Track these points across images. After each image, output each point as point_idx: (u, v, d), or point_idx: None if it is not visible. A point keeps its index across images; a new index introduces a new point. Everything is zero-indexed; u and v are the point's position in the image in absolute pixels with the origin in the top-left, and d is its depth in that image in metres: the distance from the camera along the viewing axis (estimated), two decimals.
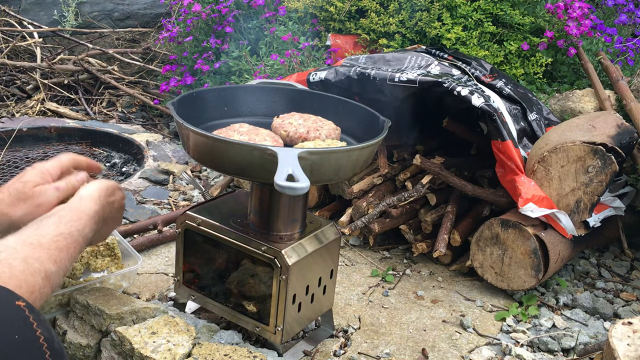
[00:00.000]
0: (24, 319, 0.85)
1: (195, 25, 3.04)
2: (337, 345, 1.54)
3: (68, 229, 1.09)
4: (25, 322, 0.85)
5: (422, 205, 2.10)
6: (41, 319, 0.87)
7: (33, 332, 0.85)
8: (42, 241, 1.02)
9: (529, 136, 1.99)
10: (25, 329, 0.84)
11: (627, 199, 2.02)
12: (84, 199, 1.20)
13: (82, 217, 1.15)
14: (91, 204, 1.20)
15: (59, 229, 1.08)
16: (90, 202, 1.20)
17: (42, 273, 0.96)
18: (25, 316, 0.86)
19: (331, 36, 2.56)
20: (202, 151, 1.29)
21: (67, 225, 1.09)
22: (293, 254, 1.33)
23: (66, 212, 1.14)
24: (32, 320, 0.86)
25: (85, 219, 1.15)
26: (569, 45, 2.34)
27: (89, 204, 1.19)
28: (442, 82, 1.85)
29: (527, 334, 1.67)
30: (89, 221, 1.16)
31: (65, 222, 1.10)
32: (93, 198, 1.21)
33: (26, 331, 0.84)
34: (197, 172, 2.64)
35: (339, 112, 1.56)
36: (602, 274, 2.04)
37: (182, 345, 1.30)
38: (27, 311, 0.86)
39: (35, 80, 3.43)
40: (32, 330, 0.85)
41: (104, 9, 4.34)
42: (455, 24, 2.34)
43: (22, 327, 0.84)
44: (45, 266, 0.98)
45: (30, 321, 0.86)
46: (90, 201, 1.20)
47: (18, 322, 0.84)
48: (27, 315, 0.86)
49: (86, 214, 1.16)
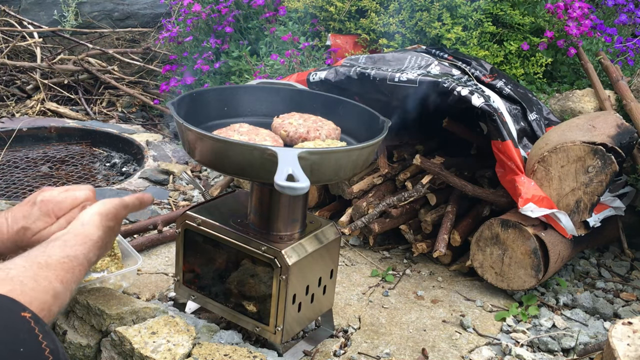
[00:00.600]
0: (30, 331, 0.85)
1: (195, 25, 3.04)
2: (337, 345, 1.54)
3: (74, 252, 1.10)
4: (31, 333, 0.85)
5: (422, 205, 2.10)
6: (47, 330, 0.87)
7: (39, 344, 0.84)
8: (50, 262, 1.03)
9: (529, 136, 1.99)
10: (30, 341, 0.84)
11: (627, 199, 2.02)
12: (86, 225, 1.19)
13: (86, 242, 1.15)
14: (94, 229, 1.19)
15: (65, 251, 1.09)
16: (92, 227, 1.19)
17: (52, 291, 0.97)
18: (31, 327, 0.85)
19: (331, 36, 2.56)
20: (202, 151, 1.29)
21: (72, 249, 1.10)
22: (293, 254, 1.33)
23: (70, 237, 1.14)
24: (38, 332, 0.85)
25: (90, 243, 1.16)
26: (569, 45, 2.34)
27: (91, 229, 1.19)
28: (442, 82, 1.85)
29: (527, 334, 1.67)
30: (93, 246, 1.16)
31: (70, 245, 1.11)
32: (95, 224, 1.20)
33: (31, 343, 0.84)
34: (197, 172, 2.64)
35: (339, 112, 1.56)
36: (602, 274, 2.04)
37: (182, 345, 1.30)
38: (32, 322, 0.86)
39: (35, 80, 3.43)
40: (38, 342, 0.85)
41: (104, 9, 4.34)
42: (455, 24, 2.34)
43: (27, 338, 0.84)
44: (54, 285, 0.99)
45: (36, 333, 0.85)
46: (92, 227, 1.20)
47: (23, 333, 0.84)
48: (32, 326, 0.86)
49: (90, 239, 1.17)
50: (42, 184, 2.46)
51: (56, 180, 2.51)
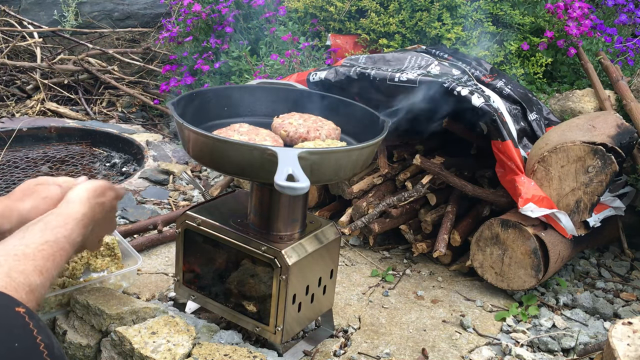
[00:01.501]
0: (24, 326, 0.85)
1: (195, 25, 3.04)
2: (337, 345, 1.54)
3: (54, 235, 1.07)
4: (25, 328, 0.84)
5: (422, 205, 2.10)
6: (41, 325, 0.87)
7: (33, 339, 0.84)
8: (27, 251, 1.00)
9: (529, 136, 1.99)
10: (25, 336, 0.84)
11: (627, 199, 2.02)
12: (71, 203, 1.18)
13: (68, 222, 1.12)
14: (79, 206, 1.17)
15: (45, 236, 1.05)
16: (77, 205, 1.18)
17: (27, 287, 0.94)
18: (25, 322, 0.85)
19: (331, 36, 2.56)
20: (202, 151, 1.29)
21: (53, 232, 1.07)
22: (293, 254, 1.33)
23: (52, 218, 1.11)
24: (32, 326, 0.85)
25: (73, 223, 1.13)
26: (569, 45, 2.34)
27: (76, 207, 1.17)
28: (442, 82, 1.85)
29: (527, 334, 1.67)
30: (77, 225, 1.13)
31: (51, 228, 1.08)
32: (81, 200, 1.19)
33: (26, 338, 0.84)
34: (197, 172, 2.64)
35: (339, 112, 1.56)
36: (602, 274, 2.04)
37: (182, 345, 1.30)
38: (27, 317, 0.86)
39: (35, 80, 3.43)
40: (32, 337, 0.84)
41: (104, 9, 4.34)
42: (455, 24, 2.34)
43: (22, 333, 0.84)
44: (30, 279, 0.95)
45: (31, 328, 0.85)
46: (77, 204, 1.18)
47: (18, 328, 0.84)
48: (27, 321, 0.85)
49: (73, 218, 1.14)
50: None
51: None
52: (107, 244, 1.63)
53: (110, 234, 1.45)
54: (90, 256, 1.60)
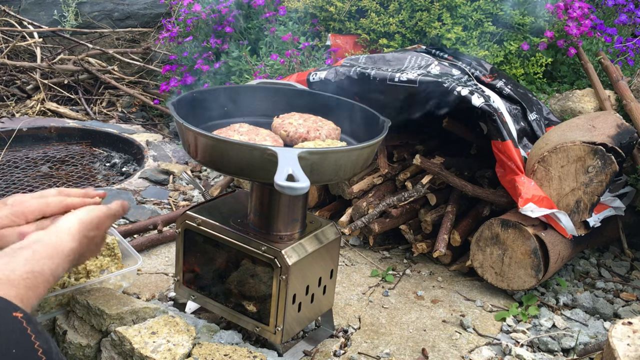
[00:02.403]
0: (22, 331, 0.84)
1: (195, 25, 3.04)
2: (337, 345, 1.54)
3: (40, 266, 1.02)
4: (23, 334, 0.83)
5: (422, 205, 2.10)
6: (39, 330, 0.86)
7: (31, 345, 0.83)
8: (12, 277, 0.96)
9: (529, 136, 1.99)
10: (23, 342, 0.83)
11: (627, 199, 2.02)
12: (61, 234, 1.12)
13: (55, 256, 1.07)
14: (68, 240, 1.12)
15: (31, 265, 1.01)
16: (67, 238, 1.12)
17: None
18: (23, 328, 0.84)
19: (331, 36, 2.56)
20: (202, 151, 1.29)
21: (39, 263, 1.03)
22: (293, 254, 1.33)
23: (40, 247, 1.07)
24: (30, 332, 0.84)
25: (60, 257, 1.08)
26: (569, 45, 2.34)
27: (65, 240, 1.12)
28: (442, 82, 1.85)
29: (527, 334, 1.67)
30: (63, 260, 1.09)
31: (38, 258, 1.04)
32: (71, 234, 1.14)
33: (24, 344, 0.83)
34: (197, 172, 2.64)
35: (339, 112, 1.56)
36: (602, 274, 2.04)
37: (182, 345, 1.30)
38: (24, 322, 0.85)
39: (35, 80, 3.43)
40: (31, 343, 0.83)
41: (104, 9, 4.34)
42: (455, 24, 2.34)
43: (19, 339, 0.83)
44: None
45: (28, 333, 0.84)
46: (67, 237, 1.12)
47: (15, 334, 0.83)
48: (25, 327, 0.84)
49: (61, 252, 1.09)
50: (42, 184, 2.46)
51: (56, 180, 2.51)
52: (107, 244, 1.63)
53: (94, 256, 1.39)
54: None
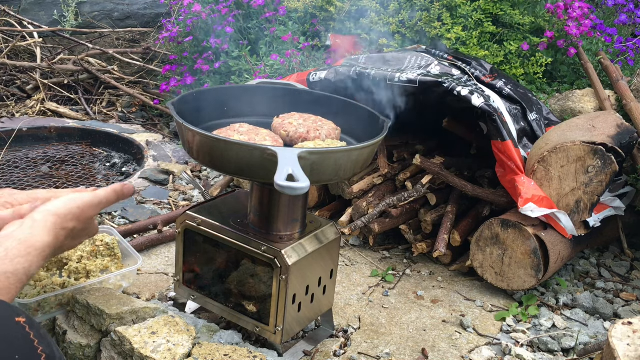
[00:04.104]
0: (25, 337, 0.83)
1: (195, 25, 3.04)
2: (337, 345, 1.54)
3: (14, 266, 0.99)
4: (26, 339, 0.83)
5: (422, 205, 2.10)
6: (42, 335, 0.85)
7: (34, 350, 0.83)
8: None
9: (529, 136, 1.99)
10: (26, 347, 0.82)
11: (627, 199, 2.02)
12: (35, 228, 1.07)
13: (30, 253, 1.03)
14: (42, 235, 1.07)
15: (4, 266, 0.98)
16: (41, 232, 1.07)
17: None
18: (26, 333, 0.84)
19: (331, 36, 2.56)
20: (202, 151, 1.29)
21: (12, 262, 0.99)
22: (293, 254, 1.33)
23: (14, 244, 1.02)
24: (33, 337, 0.84)
25: (34, 254, 1.04)
26: (569, 45, 2.34)
27: (39, 235, 1.07)
28: (442, 82, 1.85)
29: (527, 334, 1.67)
30: (38, 257, 1.04)
31: (11, 257, 1.00)
32: (47, 227, 1.09)
33: (27, 349, 0.82)
34: (197, 172, 2.64)
35: (339, 112, 1.56)
36: (602, 274, 2.04)
37: (182, 345, 1.30)
38: (27, 327, 0.84)
39: (35, 80, 3.43)
40: (34, 348, 0.83)
41: (104, 9, 4.34)
42: (455, 24, 2.34)
43: (22, 345, 0.82)
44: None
45: (31, 338, 0.83)
46: (42, 231, 1.07)
47: (18, 339, 0.82)
48: (28, 332, 0.84)
49: (35, 249, 1.04)
50: (42, 184, 2.46)
51: (56, 180, 2.51)
52: (107, 244, 1.63)
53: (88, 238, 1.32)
54: (90, 256, 1.60)
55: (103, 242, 1.62)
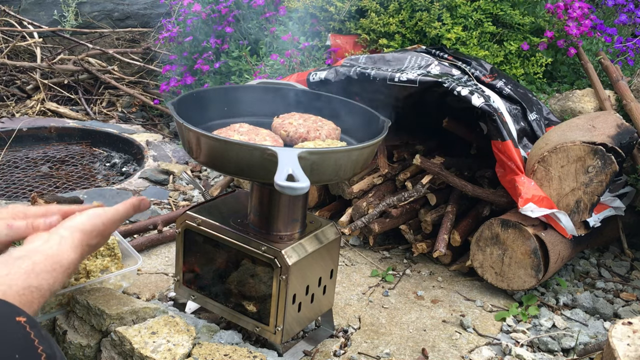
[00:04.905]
0: (25, 336, 0.83)
1: (195, 25, 3.04)
2: (337, 345, 1.54)
3: (39, 281, 0.98)
4: (27, 339, 0.82)
5: (422, 205, 2.10)
6: (43, 335, 0.85)
7: (34, 350, 0.82)
8: (8, 292, 0.93)
9: (529, 136, 1.99)
10: (26, 347, 0.82)
11: (627, 199, 2.02)
12: (62, 245, 1.08)
13: (56, 269, 1.03)
14: (69, 252, 1.07)
15: (29, 280, 0.97)
16: (68, 249, 1.08)
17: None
18: (27, 333, 0.83)
19: (331, 36, 2.56)
20: (202, 151, 1.29)
21: (38, 277, 0.99)
22: (293, 254, 1.33)
23: (41, 259, 1.02)
24: (34, 337, 0.83)
25: (59, 271, 1.04)
26: (569, 45, 2.34)
27: (66, 251, 1.07)
28: (442, 82, 1.85)
29: (527, 334, 1.67)
30: (62, 274, 1.04)
31: (37, 272, 0.99)
32: (74, 244, 1.09)
33: (27, 348, 0.82)
34: (197, 172, 2.64)
35: (339, 112, 1.56)
36: (602, 274, 2.04)
37: (182, 345, 1.30)
38: (28, 327, 0.84)
39: (35, 80, 3.43)
40: (34, 348, 0.82)
41: (104, 9, 4.34)
42: (455, 24, 2.34)
43: (23, 345, 0.82)
44: None
45: (32, 338, 0.83)
46: (68, 248, 1.08)
47: (19, 339, 0.82)
48: (28, 331, 0.83)
49: (61, 265, 1.04)
50: (42, 184, 2.46)
51: (56, 180, 2.51)
52: (107, 244, 1.63)
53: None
54: (89, 256, 1.60)
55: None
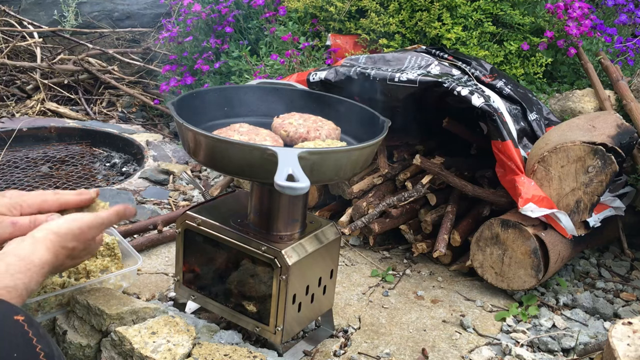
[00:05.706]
0: (23, 335, 0.83)
1: (195, 25, 3.04)
2: (337, 345, 1.54)
3: (14, 281, 1.00)
4: (25, 337, 0.83)
5: (422, 205, 2.10)
6: (41, 334, 0.85)
7: (33, 348, 0.83)
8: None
9: (529, 136, 1.99)
10: (24, 345, 0.82)
11: (627, 199, 2.02)
12: (36, 244, 1.09)
13: (30, 269, 1.04)
14: (43, 251, 1.09)
15: (5, 280, 0.99)
16: (41, 249, 1.09)
17: None
18: (25, 331, 0.83)
19: (331, 36, 2.56)
20: (202, 151, 1.29)
21: (13, 278, 1.00)
22: (293, 254, 1.33)
23: (15, 260, 1.04)
24: (32, 335, 0.84)
25: (34, 270, 1.05)
26: (569, 45, 2.34)
27: (40, 251, 1.08)
28: (442, 82, 1.85)
29: (527, 334, 1.67)
30: (37, 273, 1.05)
31: (11, 272, 1.01)
32: (46, 245, 1.10)
33: (25, 348, 0.82)
34: (197, 172, 2.64)
35: (339, 112, 1.56)
36: (602, 274, 2.04)
37: (182, 345, 1.30)
38: (26, 326, 0.84)
39: (35, 80, 3.43)
40: (32, 346, 0.83)
41: (104, 9, 4.34)
42: (455, 24, 2.34)
43: (21, 343, 0.82)
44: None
45: (30, 336, 0.83)
46: (42, 248, 1.09)
47: (17, 337, 0.82)
48: (26, 330, 0.84)
49: (35, 265, 1.05)
50: (42, 184, 2.46)
51: (56, 180, 2.51)
52: (107, 244, 1.63)
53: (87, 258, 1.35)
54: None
55: (103, 242, 1.62)
